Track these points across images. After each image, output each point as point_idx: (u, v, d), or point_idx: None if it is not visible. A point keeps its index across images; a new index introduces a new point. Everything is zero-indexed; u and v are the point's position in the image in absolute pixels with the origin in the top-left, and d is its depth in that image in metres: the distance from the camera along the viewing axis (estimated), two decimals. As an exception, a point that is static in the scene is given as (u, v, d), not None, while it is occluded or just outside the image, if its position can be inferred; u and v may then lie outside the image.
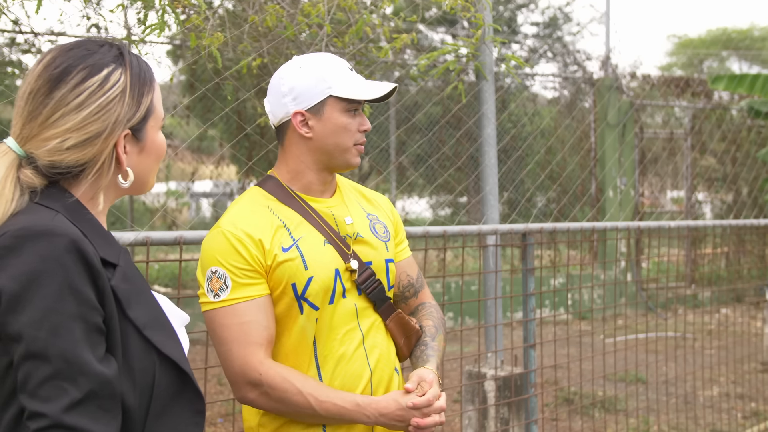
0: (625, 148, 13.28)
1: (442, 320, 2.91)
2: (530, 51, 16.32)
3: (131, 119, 1.80)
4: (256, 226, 2.58)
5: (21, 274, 1.60)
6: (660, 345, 8.16)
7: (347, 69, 2.67)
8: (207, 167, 14.09)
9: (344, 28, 4.37)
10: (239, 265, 2.53)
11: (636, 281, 11.50)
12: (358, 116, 2.67)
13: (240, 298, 2.53)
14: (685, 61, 30.81)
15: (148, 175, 1.92)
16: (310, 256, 2.59)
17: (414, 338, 2.79)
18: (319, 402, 2.51)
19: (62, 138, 1.73)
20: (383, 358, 2.69)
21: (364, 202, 2.85)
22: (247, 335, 2.52)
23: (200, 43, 3.82)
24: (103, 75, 1.77)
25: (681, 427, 6.78)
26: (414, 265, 2.96)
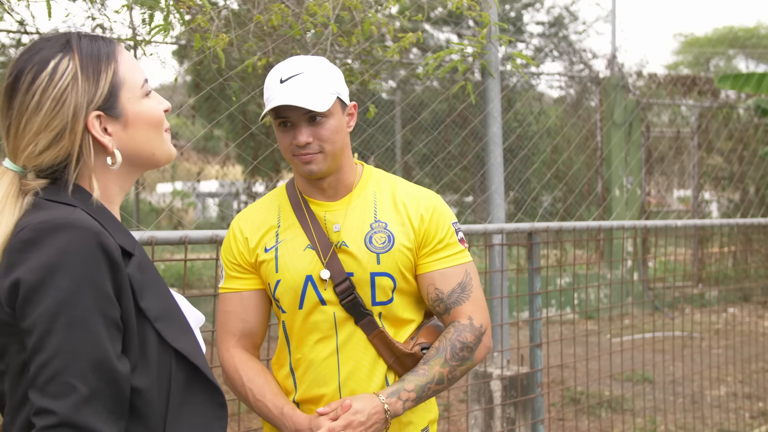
0: (631, 147, 13.25)
1: (457, 342, 2.68)
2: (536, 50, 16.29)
3: (93, 100, 1.76)
4: (252, 224, 2.73)
5: (40, 267, 1.59)
6: (667, 344, 8.15)
7: (276, 80, 2.59)
8: (212, 167, 14.10)
9: (349, 26, 4.36)
10: (230, 258, 2.75)
11: (643, 280, 11.48)
12: (290, 130, 2.60)
13: (228, 289, 2.76)
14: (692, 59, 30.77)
15: (149, 146, 1.88)
16: (283, 259, 2.66)
17: (410, 361, 2.68)
18: (255, 399, 2.67)
19: (34, 142, 1.73)
20: (359, 372, 2.65)
21: (384, 206, 2.74)
22: (225, 323, 2.77)
23: (205, 44, 3.82)
24: (50, 68, 1.75)
25: (688, 427, 6.76)
26: (450, 279, 2.73)
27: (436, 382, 2.62)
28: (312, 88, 2.55)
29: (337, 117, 2.62)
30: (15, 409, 1.69)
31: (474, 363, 2.74)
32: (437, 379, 2.63)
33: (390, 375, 2.68)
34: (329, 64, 2.66)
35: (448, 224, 2.76)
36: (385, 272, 2.65)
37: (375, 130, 11.48)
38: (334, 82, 2.62)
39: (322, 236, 2.66)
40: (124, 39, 4.46)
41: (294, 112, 2.55)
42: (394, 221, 2.70)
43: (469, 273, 2.76)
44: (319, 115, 2.56)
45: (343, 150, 2.66)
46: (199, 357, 1.81)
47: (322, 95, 2.55)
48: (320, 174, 2.63)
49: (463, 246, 2.78)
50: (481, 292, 2.78)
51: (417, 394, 2.58)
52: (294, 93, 2.52)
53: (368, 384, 2.65)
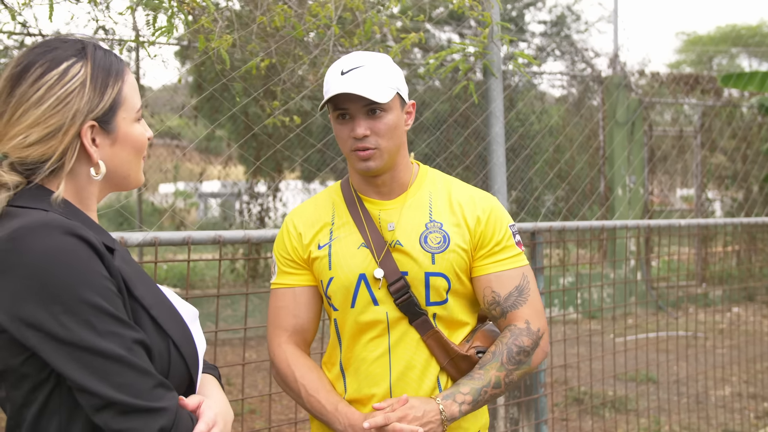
0: (634, 146, 13.23)
1: (514, 346, 2.64)
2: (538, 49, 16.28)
3: (93, 110, 1.79)
4: (307, 220, 2.75)
5: (32, 273, 1.60)
6: (671, 344, 8.14)
7: (337, 73, 2.59)
8: (215, 167, 14.09)
9: (352, 27, 4.35)
10: (283, 254, 2.76)
11: (646, 280, 11.46)
12: (348, 122, 2.60)
13: (281, 284, 2.76)
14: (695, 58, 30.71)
15: (127, 168, 1.90)
16: (337, 257, 2.65)
17: (465, 364, 2.65)
18: (308, 394, 2.65)
19: (25, 134, 1.74)
20: (410, 373, 2.63)
21: (439, 206, 2.71)
22: (277, 318, 2.75)
23: (209, 45, 3.81)
24: (62, 69, 1.77)
25: (693, 427, 6.75)
26: (507, 282, 2.70)
27: (493, 386, 2.59)
28: (373, 80, 2.54)
29: (395, 113, 2.61)
30: (18, 412, 1.71)
31: (531, 367, 2.69)
32: (494, 383, 2.59)
33: (442, 377, 2.66)
34: (390, 61, 2.66)
35: (505, 226, 2.74)
36: (439, 272, 2.62)
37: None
38: (394, 78, 2.61)
39: (376, 235, 2.65)
40: (128, 40, 4.45)
41: (353, 104, 2.55)
42: (450, 222, 2.68)
43: (526, 276, 2.73)
44: (378, 108, 2.56)
45: (399, 148, 2.66)
46: (186, 347, 1.82)
47: (382, 88, 2.55)
48: (377, 171, 2.62)
49: (520, 249, 2.75)
50: (538, 296, 2.75)
51: (473, 398, 2.56)
52: (355, 83, 2.52)
53: (419, 385, 2.63)
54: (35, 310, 1.59)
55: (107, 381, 1.60)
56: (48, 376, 1.67)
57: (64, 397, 1.68)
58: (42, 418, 1.68)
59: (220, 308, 11.03)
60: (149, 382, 1.65)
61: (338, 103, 2.57)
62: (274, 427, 4.68)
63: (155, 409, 1.64)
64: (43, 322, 1.59)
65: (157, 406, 1.64)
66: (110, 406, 1.61)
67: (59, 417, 1.69)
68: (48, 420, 1.68)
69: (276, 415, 7.25)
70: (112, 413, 1.61)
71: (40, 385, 1.67)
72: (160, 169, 13.50)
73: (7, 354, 1.66)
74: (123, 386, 1.61)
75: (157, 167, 13.11)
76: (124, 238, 3.27)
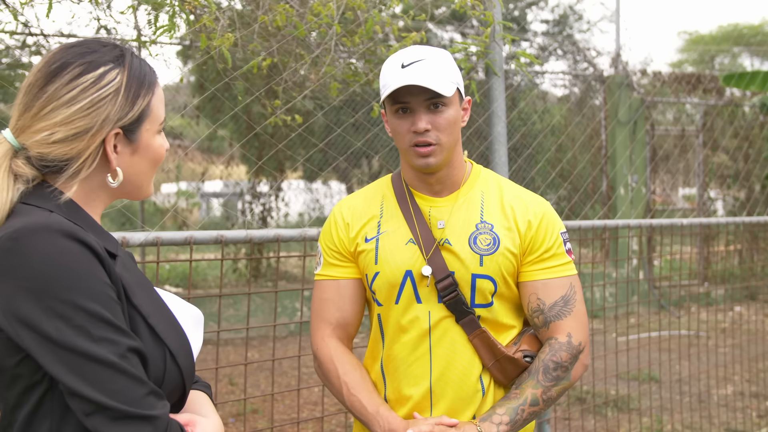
0: (636, 146, 13.23)
1: (551, 362, 2.57)
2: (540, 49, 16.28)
3: (122, 119, 1.79)
4: (356, 212, 2.71)
5: (32, 274, 1.60)
6: (673, 343, 8.13)
7: (398, 66, 2.54)
8: (217, 167, 14.10)
9: (354, 26, 4.35)
10: (330, 245, 2.73)
11: (648, 279, 11.46)
12: (408, 116, 2.55)
13: (325, 276, 2.73)
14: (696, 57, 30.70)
15: (142, 178, 1.91)
16: (384, 251, 2.62)
17: (511, 366, 2.60)
18: (350, 393, 2.60)
19: (51, 131, 1.74)
20: (451, 374, 2.58)
21: (490, 208, 2.66)
22: (321, 311, 2.72)
23: (210, 44, 3.81)
24: (99, 73, 1.78)
25: (695, 426, 6.74)
26: (553, 291, 2.62)
27: (530, 404, 2.52)
28: (435, 73, 2.51)
29: (455, 108, 2.58)
30: (11, 412, 1.71)
31: (570, 382, 2.61)
32: (530, 400, 2.52)
33: (485, 376, 2.60)
34: (450, 55, 2.62)
35: (556, 233, 2.67)
36: (486, 275, 2.57)
37: (379, 129, 11.46)
38: (455, 72, 2.58)
39: (425, 231, 2.61)
40: (129, 40, 4.45)
41: (415, 98, 2.51)
42: (501, 224, 2.62)
43: (573, 286, 2.65)
44: (440, 103, 2.53)
45: (456, 144, 2.62)
46: (183, 357, 1.81)
47: (445, 81, 2.51)
48: (436, 167, 2.58)
49: (569, 257, 2.68)
50: (583, 308, 2.67)
51: (510, 417, 2.49)
52: (418, 75, 2.48)
53: (461, 387, 2.58)
54: (32, 311, 1.59)
55: (99, 387, 1.60)
56: (41, 378, 1.66)
57: (57, 400, 1.68)
58: (33, 421, 1.68)
59: (223, 308, 11.03)
60: (141, 390, 1.64)
61: (398, 96, 2.53)
62: (277, 426, 4.68)
63: (146, 417, 1.63)
64: (39, 323, 1.59)
65: (148, 414, 1.64)
66: (101, 412, 1.61)
67: (51, 420, 1.68)
68: (39, 422, 1.68)
69: (278, 415, 7.25)
70: (103, 419, 1.61)
71: (33, 387, 1.67)
72: (163, 168, 13.49)
73: (2, 354, 1.66)
74: (115, 392, 1.61)
75: (159, 167, 13.09)
76: (126, 238, 3.27)
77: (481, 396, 2.60)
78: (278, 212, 13.26)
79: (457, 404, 2.59)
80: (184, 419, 1.84)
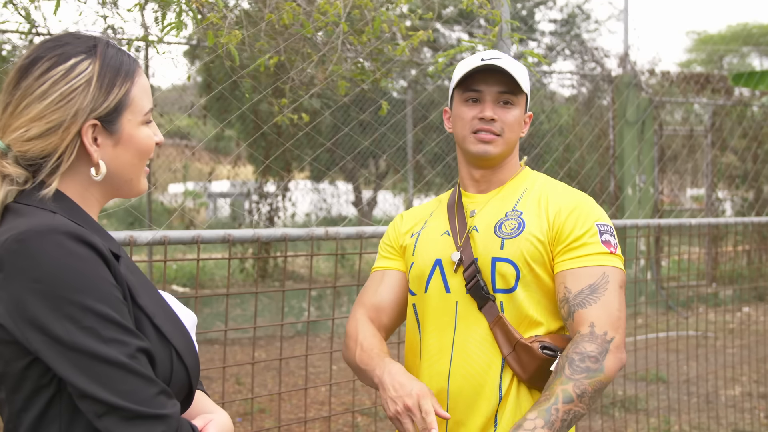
0: (644, 146, 13.20)
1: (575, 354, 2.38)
2: (548, 48, 16.26)
3: (96, 109, 1.76)
4: (413, 213, 2.89)
5: (39, 276, 1.59)
6: (681, 344, 8.12)
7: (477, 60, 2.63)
8: (224, 167, 14.11)
9: (361, 25, 4.34)
10: (386, 241, 2.87)
11: (656, 279, 11.43)
12: (478, 105, 2.62)
13: (376, 268, 2.86)
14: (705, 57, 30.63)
15: (129, 171, 1.87)
16: (421, 243, 2.71)
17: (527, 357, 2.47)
18: (362, 350, 2.62)
19: (26, 127, 1.72)
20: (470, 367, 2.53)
21: (528, 199, 2.63)
22: (361, 296, 2.82)
23: (218, 41, 3.81)
24: (69, 65, 1.75)
25: (702, 427, 6.72)
26: (580, 279, 2.48)
27: (563, 401, 2.29)
28: (515, 68, 2.60)
29: (521, 110, 2.66)
30: (16, 416, 1.70)
31: (606, 376, 2.36)
32: (562, 398, 2.30)
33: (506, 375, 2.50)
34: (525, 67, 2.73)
35: (590, 223, 2.54)
36: (506, 258, 2.51)
37: (387, 129, 11.47)
38: (528, 80, 2.69)
39: (462, 222, 2.66)
40: (136, 39, 4.45)
41: (489, 88, 2.59)
42: (531, 212, 2.59)
43: (607, 276, 2.47)
44: (510, 100, 2.61)
45: (514, 147, 2.69)
46: (189, 356, 1.81)
47: (522, 78, 2.61)
48: (493, 158, 2.63)
49: (606, 248, 2.51)
50: (616, 300, 2.46)
51: (545, 420, 2.26)
52: (501, 63, 2.57)
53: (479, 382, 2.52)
54: (41, 313, 1.58)
55: (110, 387, 1.60)
56: (49, 382, 1.66)
57: (64, 405, 1.67)
58: (41, 426, 1.68)
59: (230, 308, 11.03)
60: (152, 390, 1.64)
61: (472, 83, 2.61)
62: (284, 426, 4.68)
63: (158, 416, 1.63)
64: (48, 325, 1.58)
65: (160, 413, 1.63)
66: (113, 413, 1.60)
67: (59, 425, 1.68)
68: (47, 427, 1.68)
69: (285, 414, 7.25)
70: (116, 420, 1.60)
71: (40, 390, 1.66)
72: (170, 168, 13.51)
73: (9, 357, 1.65)
74: (126, 393, 1.60)
75: (166, 167, 13.13)
76: (134, 237, 3.26)
77: (499, 395, 2.51)
78: (285, 212, 13.26)
79: (474, 399, 2.53)
80: (200, 423, 1.84)
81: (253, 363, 3.74)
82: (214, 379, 8.50)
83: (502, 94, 2.60)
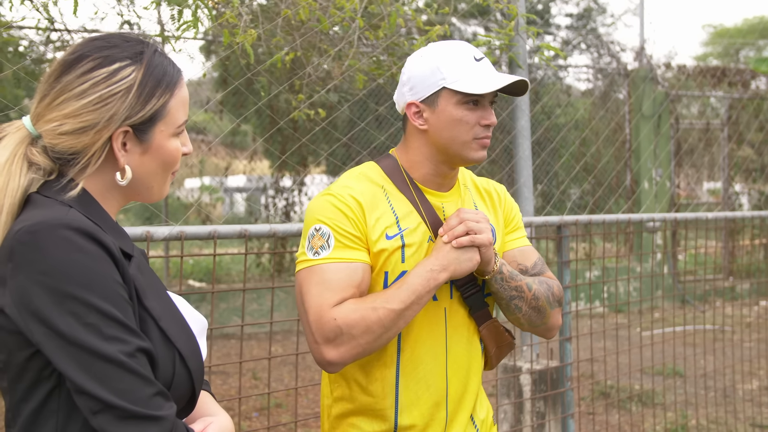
0: (660, 140, 13.17)
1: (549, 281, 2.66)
2: (564, 42, 16.21)
3: (131, 117, 1.76)
4: (366, 197, 2.49)
5: (47, 270, 1.60)
6: (698, 338, 8.09)
7: (470, 59, 2.51)
8: (240, 162, 14.13)
9: (377, 20, 4.35)
10: (344, 227, 2.43)
11: (672, 273, 11.42)
12: (479, 109, 2.50)
13: (338, 258, 2.41)
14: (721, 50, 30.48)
15: (152, 180, 1.86)
16: (410, 250, 2.49)
17: (506, 349, 2.69)
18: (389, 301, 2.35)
19: (60, 122, 1.73)
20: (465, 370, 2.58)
21: (474, 195, 2.69)
22: (323, 293, 2.37)
23: (233, 40, 3.82)
24: (113, 68, 1.75)
25: (720, 421, 6.71)
26: (530, 255, 2.71)
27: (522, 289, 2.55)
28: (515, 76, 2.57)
29: None
30: (16, 405, 1.71)
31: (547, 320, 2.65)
32: (526, 282, 2.56)
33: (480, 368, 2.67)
34: None
35: (517, 207, 2.81)
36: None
37: (402, 123, 11.44)
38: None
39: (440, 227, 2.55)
40: (153, 35, 4.47)
41: (489, 92, 2.50)
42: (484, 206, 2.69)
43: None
44: (496, 101, 2.58)
45: None
46: (193, 360, 1.80)
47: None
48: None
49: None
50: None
51: (509, 271, 2.52)
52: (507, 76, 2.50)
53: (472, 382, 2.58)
54: (45, 306, 1.59)
55: (107, 385, 1.59)
56: (50, 374, 1.66)
57: (64, 399, 1.68)
58: (39, 418, 1.68)
59: (246, 303, 11.06)
60: (149, 390, 1.63)
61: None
62: (300, 421, 4.69)
63: (153, 417, 1.63)
64: (51, 318, 1.59)
65: (155, 414, 1.63)
66: (108, 411, 1.60)
67: (56, 419, 1.68)
68: (45, 420, 1.68)
69: (302, 409, 7.27)
70: (110, 418, 1.60)
71: (40, 382, 1.67)
72: (186, 164, 13.54)
73: (13, 346, 1.66)
74: (122, 392, 1.60)
75: (183, 162, 13.09)
76: (150, 233, 3.27)
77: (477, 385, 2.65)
78: (301, 207, 13.28)
79: (468, 398, 2.60)
80: (200, 426, 1.84)
81: (269, 358, 3.74)
82: (231, 374, 8.53)
83: (495, 97, 2.54)
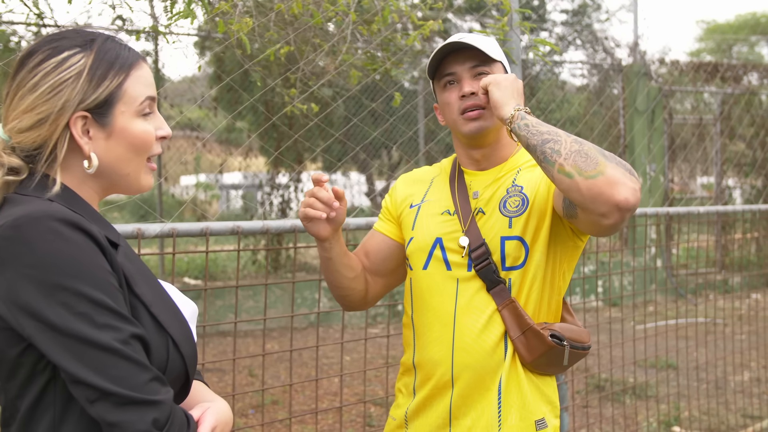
0: (654, 134, 13.20)
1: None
2: (558, 38, 16.24)
3: (85, 101, 1.75)
4: (410, 179, 2.87)
5: (33, 262, 1.59)
6: (690, 331, 8.13)
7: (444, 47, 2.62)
8: (235, 159, 14.13)
9: (370, 15, 4.36)
10: (386, 205, 2.89)
11: (666, 267, 11.45)
12: (456, 87, 2.62)
13: (374, 229, 2.91)
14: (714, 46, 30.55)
15: (125, 166, 1.84)
16: (422, 218, 2.70)
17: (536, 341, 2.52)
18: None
19: (19, 119, 1.74)
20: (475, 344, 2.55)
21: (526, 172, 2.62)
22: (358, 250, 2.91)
23: (229, 28, 3.82)
24: (62, 57, 1.75)
25: (712, 413, 6.75)
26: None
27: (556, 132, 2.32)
28: (480, 40, 2.60)
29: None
30: (11, 403, 1.71)
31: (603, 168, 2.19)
32: (561, 130, 2.33)
33: (510, 350, 2.54)
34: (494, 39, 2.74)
35: None
36: (515, 236, 2.54)
37: (398, 119, 11.48)
38: (499, 49, 2.67)
39: (465, 203, 2.64)
40: (145, 30, 4.47)
41: (460, 66, 2.60)
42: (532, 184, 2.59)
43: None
44: (484, 71, 2.60)
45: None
46: (186, 346, 1.80)
47: (490, 48, 2.61)
48: (485, 131, 2.59)
49: None
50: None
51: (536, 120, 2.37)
52: (464, 39, 2.57)
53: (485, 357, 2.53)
54: (34, 299, 1.58)
55: (102, 373, 1.59)
56: (44, 368, 1.66)
57: (59, 391, 1.67)
58: (35, 412, 1.68)
59: (242, 299, 11.07)
60: (145, 376, 1.63)
61: (445, 68, 2.62)
62: (296, 417, 4.71)
63: (151, 402, 1.62)
64: (41, 311, 1.58)
65: (152, 399, 1.62)
66: (105, 398, 1.59)
67: (52, 412, 1.68)
68: (42, 414, 1.68)
69: (298, 406, 7.28)
70: (108, 405, 1.60)
71: (34, 377, 1.67)
72: (181, 160, 13.54)
73: (4, 343, 1.65)
74: (118, 378, 1.60)
75: (177, 159, 13.14)
76: (141, 230, 3.24)
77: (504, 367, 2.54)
78: (298, 203, 13.28)
79: (480, 375, 2.54)
80: (198, 411, 1.84)
81: (264, 354, 3.73)
82: (227, 371, 8.54)
83: (475, 67, 2.59)
